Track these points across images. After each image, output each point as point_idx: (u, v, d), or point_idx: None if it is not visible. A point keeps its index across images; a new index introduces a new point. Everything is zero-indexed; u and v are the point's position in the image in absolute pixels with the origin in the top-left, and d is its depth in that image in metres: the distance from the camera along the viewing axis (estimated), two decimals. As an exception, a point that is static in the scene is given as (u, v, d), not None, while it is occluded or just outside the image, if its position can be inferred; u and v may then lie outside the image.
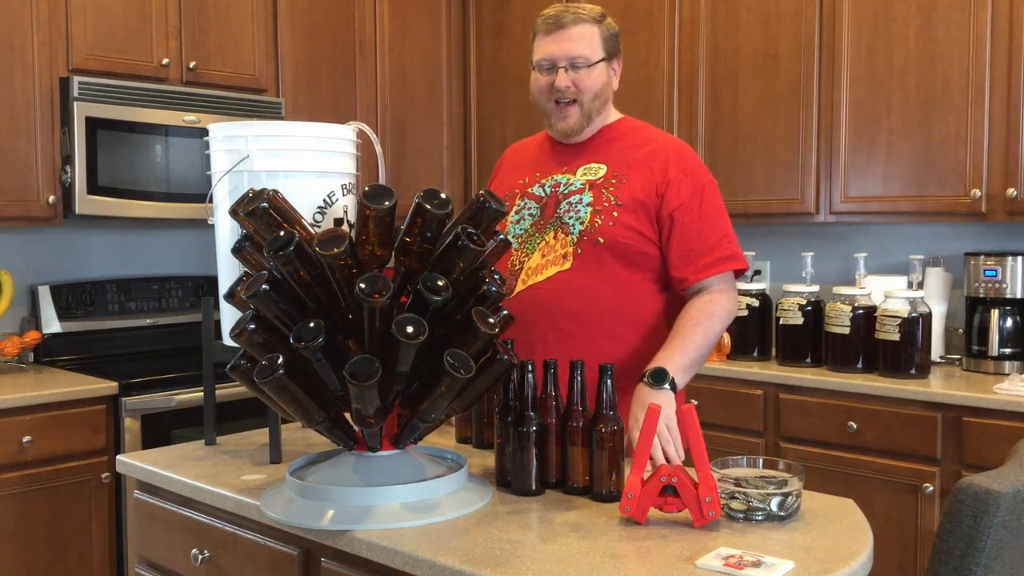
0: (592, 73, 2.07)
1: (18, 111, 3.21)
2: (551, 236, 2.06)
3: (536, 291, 2.04)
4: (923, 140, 3.24)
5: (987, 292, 3.17)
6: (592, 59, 2.07)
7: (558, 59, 2.07)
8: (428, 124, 4.42)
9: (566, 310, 2.02)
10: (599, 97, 2.10)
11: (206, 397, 2.15)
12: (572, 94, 2.07)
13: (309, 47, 3.94)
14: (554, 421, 1.73)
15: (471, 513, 1.63)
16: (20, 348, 3.34)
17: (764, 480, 1.62)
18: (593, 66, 2.07)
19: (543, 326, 2.03)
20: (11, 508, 2.93)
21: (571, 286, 2.02)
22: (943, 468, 2.92)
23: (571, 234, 2.04)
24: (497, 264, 2.11)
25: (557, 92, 2.07)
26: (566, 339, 2.01)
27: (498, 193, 2.23)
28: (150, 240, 3.90)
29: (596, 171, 2.09)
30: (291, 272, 1.55)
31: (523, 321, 2.02)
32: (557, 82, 2.06)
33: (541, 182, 2.14)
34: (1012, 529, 1.45)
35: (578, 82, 2.06)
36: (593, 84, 2.07)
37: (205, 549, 1.89)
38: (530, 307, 2.03)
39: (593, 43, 2.07)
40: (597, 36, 2.08)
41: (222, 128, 1.93)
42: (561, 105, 2.08)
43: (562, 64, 2.06)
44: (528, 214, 2.12)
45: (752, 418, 3.32)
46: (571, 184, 2.09)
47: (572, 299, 2.02)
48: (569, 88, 2.06)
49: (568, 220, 2.05)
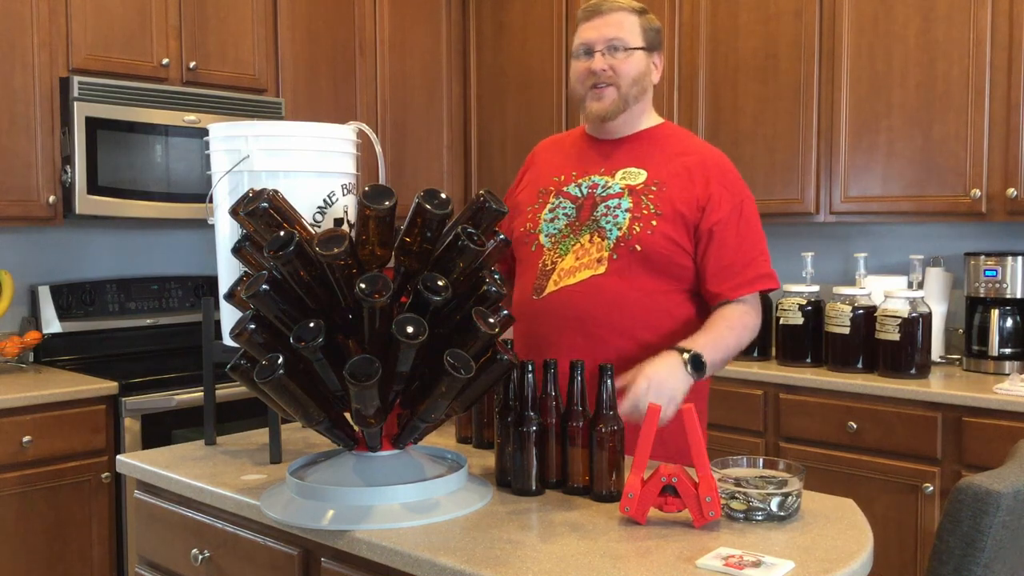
0: (630, 58, 2.04)
1: (18, 111, 3.21)
2: (586, 239, 2.03)
3: (568, 293, 2.01)
4: (923, 140, 3.24)
5: (987, 292, 3.17)
6: (630, 44, 2.04)
7: (595, 43, 2.04)
8: (428, 124, 4.42)
9: (597, 315, 1.99)
10: (637, 84, 2.06)
11: (206, 397, 2.15)
12: (608, 77, 2.04)
13: (309, 47, 3.95)
14: (554, 421, 1.73)
15: (471, 513, 1.63)
16: (20, 348, 3.34)
17: (764, 480, 1.62)
18: (631, 51, 2.04)
19: (572, 329, 2.00)
20: (11, 508, 2.93)
21: (604, 291, 1.99)
22: (943, 468, 2.92)
23: (607, 239, 2.01)
24: (528, 261, 2.10)
25: (593, 76, 2.04)
26: (594, 343, 1.98)
27: (529, 188, 2.20)
28: (150, 240, 3.90)
29: (636, 176, 2.06)
30: (291, 272, 1.55)
31: (552, 322, 2.01)
32: (593, 64, 2.03)
33: (578, 182, 2.10)
34: (1012, 529, 1.45)
35: (615, 66, 2.03)
36: (631, 69, 2.04)
37: (205, 549, 1.89)
38: (560, 309, 2.01)
39: (632, 30, 2.05)
40: (637, 25, 2.06)
41: (222, 128, 1.93)
42: (598, 88, 2.05)
43: (599, 48, 2.04)
44: (563, 214, 2.08)
45: (752, 418, 3.32)
46: (609, 187, 2.06)
47: (604, 304, 1.99)
48: (605, 71, 2.03)
49: (605, 224, 2.02)
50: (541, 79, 4.25)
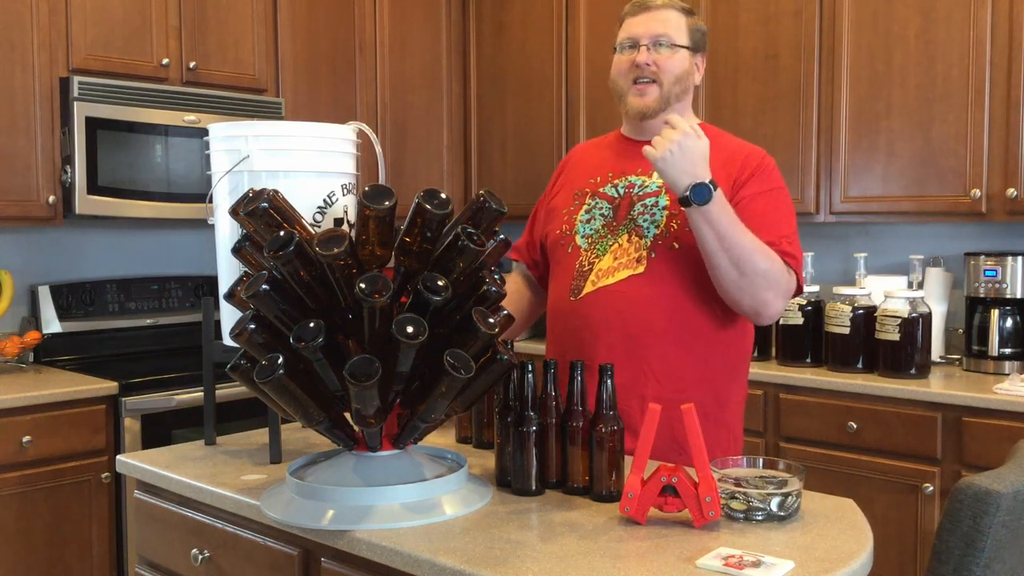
0: (675, 55, 2.02)
1: (18, 111, 3.21)
2: (624, 239, 2.00)
3: (607, 293, 1.98)
4: (923, 140, 3.24)
5: (987, 292, 3.17)
6: (676, 41, 2.02)
7: (641, 37, 2.02)
8: (428, 124, 4.42)
9: (636, 315, 1.96)
10: (680, 83, 2.04)
11: (206, 397, 2.15)
12: (652, 73, 2.01)
13: (309, 47, 3.95)
14: (554, 421, 1.73)
15: (471, 513, 1.63)
16: (20, 348, 3.34)
17: (764, 480, 1.62)
18: (677, 49, 2.02)
19: (612, 330, 1.97)
20: (11, 508, 2.93)
21: (643, 291, 1.96)
22: (943, 468, 2.92)
23: (645, 237, 1.98)
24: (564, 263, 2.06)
25: (636, 70, 2.02)
26: (634, 345, 1.95)
27: (563, 192, 2.17)
28: (150, 240, 3.90)
29: None
30: (291, 272, 1.55)
31: (590, 323, 1.98)
32: (638, 58, 2.01)
33: (614, 182, 2.08)
34: (1012, 529, 1.45)
35: (660, 62, 2.02)
36: (675, 67, 2.02)
37: (205, 549, 1.89)
38: (599, 309, 1.98)
39: (679, 28, 2.04)
40: (684, 24, 2.05)
41: (222, 128, 1.93)
42: (640, 84, 2.03)
43: (645, 42, 2.02)
44: (600, 214, 2.05)
45: (752, 418, 3.31)
46: (646, 186, 2.03)
47: (644, 304, 1.96)
48: (649, 66, 2.01)
49: (642, 223, 1.99)
50: (541, 79, 4.25)
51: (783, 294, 1.93)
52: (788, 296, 1.95)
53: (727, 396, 2.04)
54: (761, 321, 1.96)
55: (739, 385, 2.09)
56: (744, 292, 1.88)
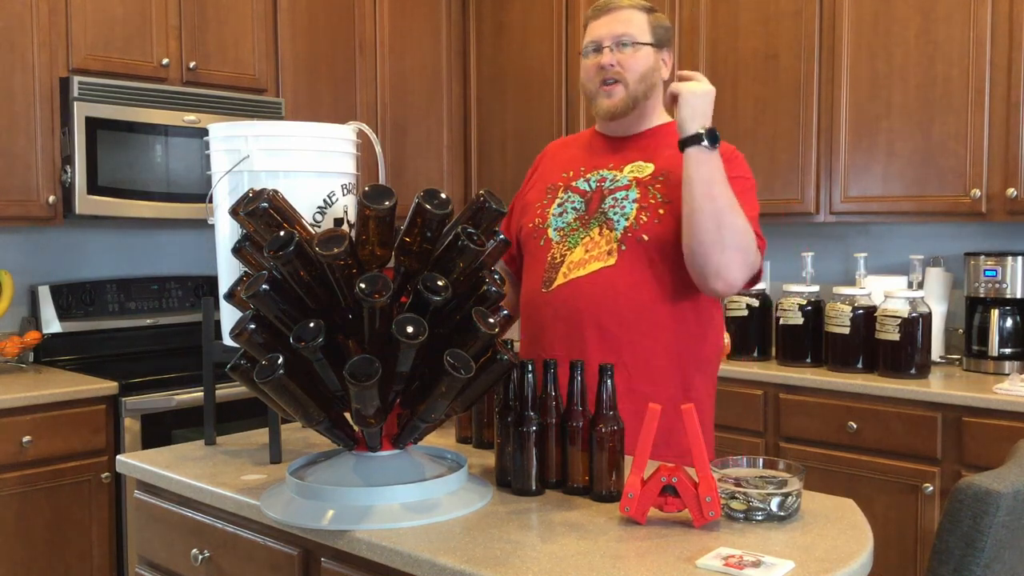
0: (638, 54, 2.06)
1: (18, 111, 3.21)
2: (595, 232, 2.03)
3: (578, 285, 2.01)
4: (923, 140, 3.24)
5: (987, 292, 3.17)
6: (639, 39, 2.05)
7: (604, 39, 2.06)
8: (428, 124, 4.42)
9: (608, 307, 1.99)
10: (645, 80, 2.07)
11: (206, 397, 2.15)
12: (616, 73, 2.05)
13: (309, 47, 3.95)
14: (554, 421, 1.73)
15: (471, 513, 1.63)
16: (20, 348, 3.34)
17: (764, 480, 1.62)
18: (640, 47, 2.06)
19: (584, 322, 2.00)
20: (11, 508, 2.93)
21: (614, 282, 1.99)
22: (943, 468, 2.92)
23: (615, 230, 2.01)
24: (537, 255, 2.09)
25: (602, 71, 2.06)
26: (605, 336, 1.98)
27: (538, 186, 2.21)
28: (150, 240, 3.90)
29: (643, 169, 2.07)
30: (291, 272, 1.55)
31: (563, 315, 2.01)
32: (602, 60, 2.05)
33: (586, 176, 2.11)
34: (1012, 529, 1.45)
35: (623, 62, 2.05)
36: (639, 65, 2.06)
37: (205, 549, 1.89)
38: (570, 301, 2.01)
39: (640, 26, 2.07)
40: (645, 22, 2.08)
41: (222, 128, 1.93)
42: (607, 85, 2.07)
43: (608, 43, 2.06)
44: (571, 207, 2.08)
45: (752, 418, 3.32)
46: (617, 180, 2.07)
47: (615, 296, 1.99)
48: (614, 67, 2.05)
49: (613, 216, 2.02)
50: (541, 79, 4.25)
51: (748, 265, 1.92)
52: (751, 270, 1.94)
53: (696, 389, 2.05)
54: (718, 286, 1.92)
55: (708, 378, 2.10)
56: (715, 247, 1.87)
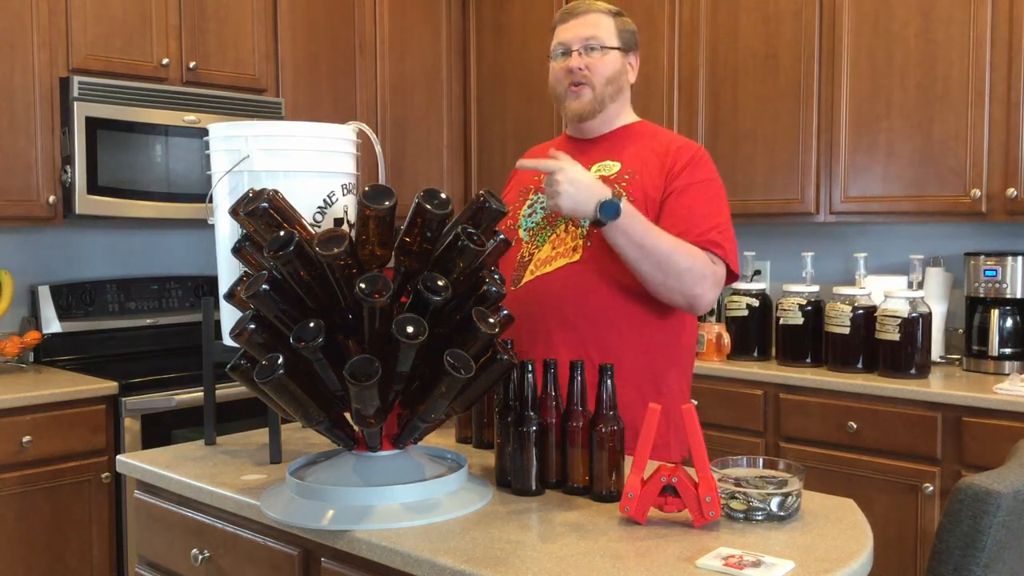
0: (605, 57, 2.09)
1: (18, 111, 3.21)
2: (562, 229, 2.07)
3: (543, 282, 2.04)
4: (923, 140, 3.24)
5: (987, 292, 3.17)
6: (606, 43, 2.08)
7: (572, 42, 2.09)
8: (428, 124, 4.42)
9: (572, 302, 2.02)
10: (612, 83, 2.10)
11: (206, 397, 2.15)
12: (584, 76, 2.08)
13: (309, 47, 3.94)
14: (554, 421, 1.73)
15: (471, 513, 1.63)
16: (20, 348, 3.34)
17: (764, 480, 1.62)
18: (607, 51, 2.09)
19: (549, 318, 2.02)
20: (11, 508, 2.93)
21: (579, 278, 2.02)
22: (943, 468, 2.92)
23: (581, 227, 2.04)
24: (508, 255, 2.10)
25: (570, 75, 2.08)
26: (571, 332, 2.00)
27: (512, 190, 2.25)
28: (150, 240, 3.90)
29: (610, 168, 2.09)
30: (291, 272, 1.55)
31: (529, 312, 2.02)
32: (570, 63, 2.08)
33: None
34: (1012, 529, 1.45)
35: (591, 65, 2.08)
36: (606, 68, 2.09)
37: (205, 549, 1.89)
38: (537, 297, 2.04)
39: (608, 30, 2.10)
40: (612, 26, 2.11)
41: (222, 128, 1.93)
42: (575, 88, 2.09)
43: (575, 47, 2.09)
44: (540, 207, 2.12)
45: (752, 418, 3.32)
46: None
47: (579, 291, 2.01)
48: (581, 70, 2.07)
49: None
50: (541, 79, 4.22)
51: (712, 286, 1.97)
52: (719, 285, 2.00)
53: (667, 383, 2.06)
54: (696, 312, 2.02)
55: (680, 373, 2.11)
56: (673, 291, 1.95)
